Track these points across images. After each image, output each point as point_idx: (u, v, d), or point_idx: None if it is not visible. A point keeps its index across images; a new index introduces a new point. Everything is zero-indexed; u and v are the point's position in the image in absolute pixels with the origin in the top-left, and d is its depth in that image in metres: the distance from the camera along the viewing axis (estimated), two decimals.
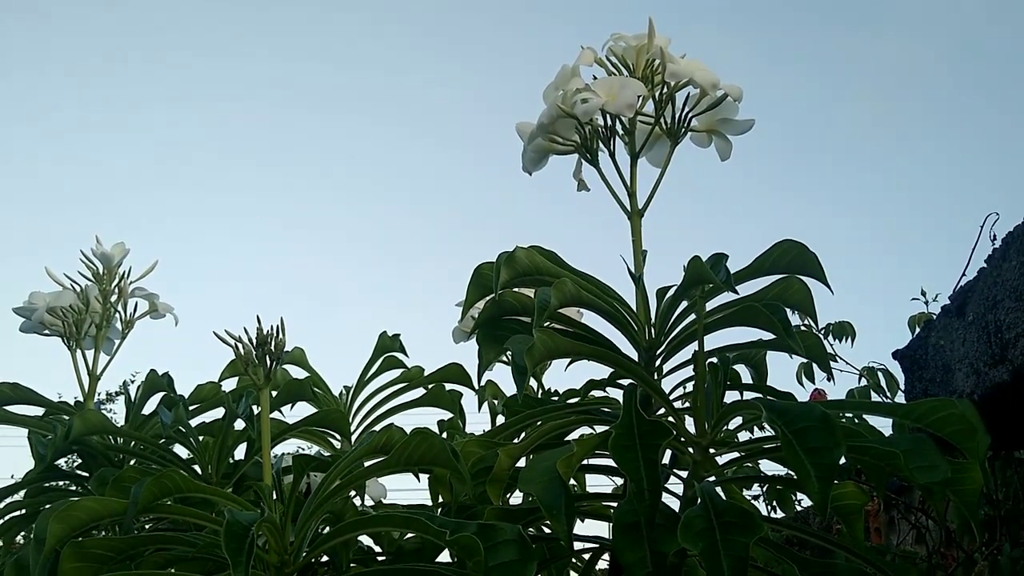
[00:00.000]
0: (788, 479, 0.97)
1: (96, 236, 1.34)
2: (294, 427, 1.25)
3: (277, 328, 0.90)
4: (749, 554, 0.69)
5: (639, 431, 0.78)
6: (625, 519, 0.78)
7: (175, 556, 0.89)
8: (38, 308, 1.30)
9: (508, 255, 0.92)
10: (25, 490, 1.19)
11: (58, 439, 1.08)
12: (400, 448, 0.80)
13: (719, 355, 0.94)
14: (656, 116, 1.03)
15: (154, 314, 1.39)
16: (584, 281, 0.94)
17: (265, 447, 0.89)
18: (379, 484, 1.32)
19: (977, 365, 1.37)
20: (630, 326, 0.95)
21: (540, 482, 0.76)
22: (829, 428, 0.68)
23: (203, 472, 1.23)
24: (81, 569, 0.82)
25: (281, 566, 0.82)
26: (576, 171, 1.10)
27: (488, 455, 0.88)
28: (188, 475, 0.81)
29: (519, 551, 0.73)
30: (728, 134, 1.06)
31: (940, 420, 0.75)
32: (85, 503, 0.76)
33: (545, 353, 0.82)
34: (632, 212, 1.02)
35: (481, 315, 0.97)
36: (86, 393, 1.33)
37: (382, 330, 1.46)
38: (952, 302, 1.49)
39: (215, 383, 1.33)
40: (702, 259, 0.84)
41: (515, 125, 1.09)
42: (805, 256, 0.89)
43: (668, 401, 0.90)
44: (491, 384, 1.56)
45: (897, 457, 0.73)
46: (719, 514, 0.73)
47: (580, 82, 1.02)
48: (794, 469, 0.69)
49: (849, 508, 0.96)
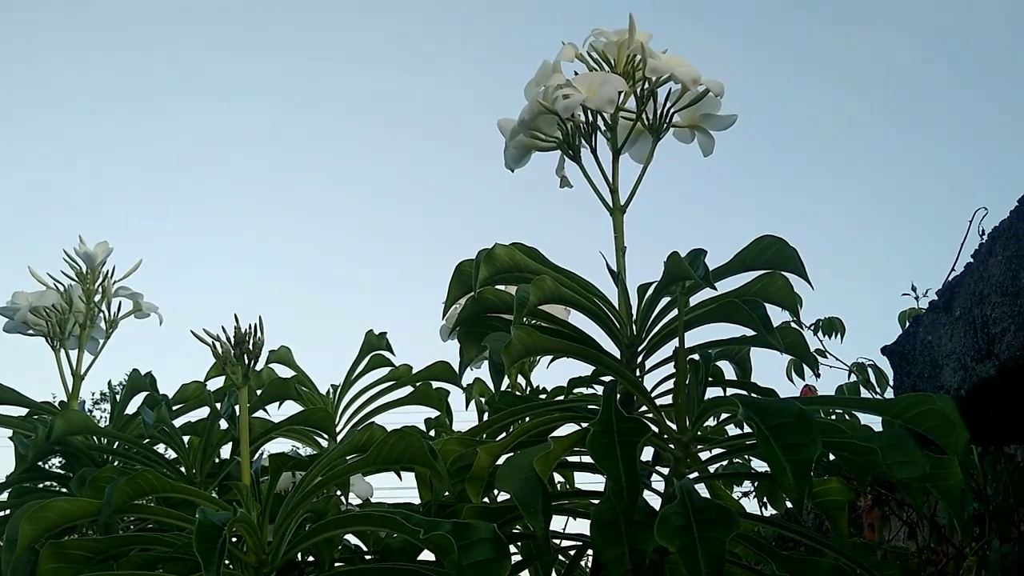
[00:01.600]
0: (769, 475, 0.97)
1: (79, 235, 1.34)
2: (279, 426, 1.25)
3: (255, 326, 0.89)
4: (726, 551, 0.69)
5: (618, 428, 0.78)
6: (604, 517, 0.78)
7: (155, 556, 0.89)
8: (21, 308, 1.29)
9: (487, 252, 0.92)
10: (8, 491, 1.18)
11: (40, 439, 1.08)
12: (378, 447, 0.79)
13: (700, 351, 0.93)
14: (638, 112, 1.03)
15: (138, 313, 1.39)
16: (565, 278, 0.94)
17: (244, 446, 0.89)
18: (365, 483, 1.31)
19: (964, 360, 1.37)
20: (611, 323, 0.95)
21: (517, 479, 0.76)
22: (805, 424, 0.68)
23: (188, 472, 1.22)
24: (60, 570, 0.81)
25: (259, 566, 0.81)
26: (559, 168, 1.09)
27: (468, 453, 0.88)
28: (165, 475, 0.80)
29: (494, 549, 0.72)
30: (711, 129, 1.06)
31: (920, 415, 0.75)
32: (57, 504, 0.76)
33: (523, 351, 0.82)
34: (614, 208, 1.02)
35: (461, 313, 0.96)
36: (70, 393, 1.32)
37: (368, 328, 1.46)
38: (940, 297, 1.49)
39: (200, 383, 1.32)
40: (680, 255, 0.83)
41: (496, 122, 1.09)
42: (785, 251, 0.89)
43: (649, 398, 0.90)
44: (479, 382, 1.56)
45: (875, 453, 0.73)
46: (697, 511, 0.73)
47: (561, 78, 1.02)
48: (770, 465, 0.68)
49: (833, 504, 0.95)
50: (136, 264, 1.39)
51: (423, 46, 25.29)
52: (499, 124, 1.09)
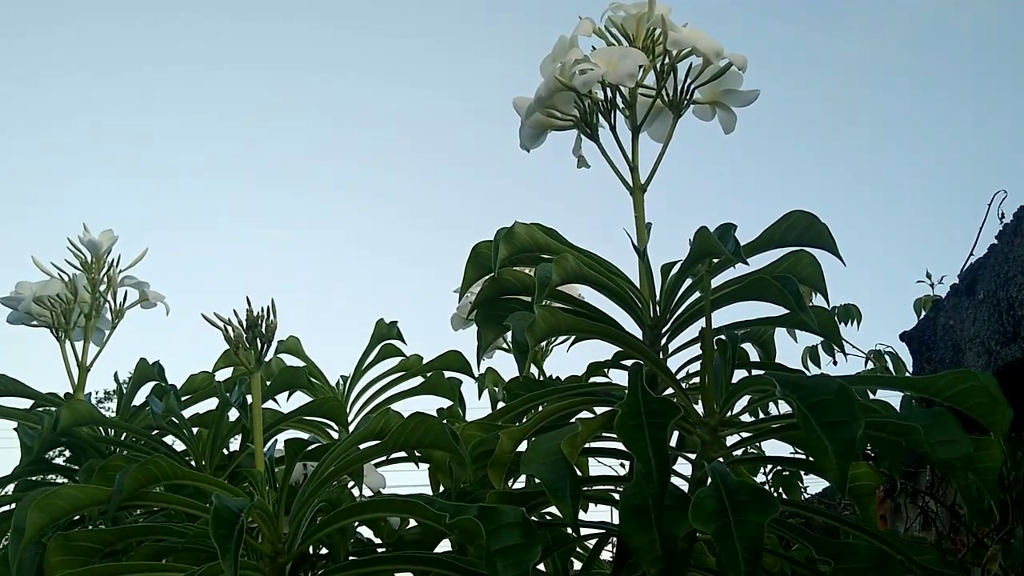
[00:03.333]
0: (800, 460, 0.94)
1: (84, 224, 1.31)
2: (289, 416, 1.22)
3: (268, 310, 0.86)
4: (764, 535, 0.66)
5: (646, 409, 0.75)
6: (633, 502, 0.75)
7: (166, 547, 0.86)
8: (24, 298, 1.26)
9: (507, 231, 0.89)
10: (13, 484, 1.15)
11: (46, 430, 1.05)
12: (397, 431, 0.76)
13: (727, 332, 0.90)
14: (658, 88, 1.00)
15: (144, 303, 1.36)
16: (586, 258, 0.91)
17: (257, 433, 0.86)
18: (378, 474, 1.28)
19: (989, 344, 1.34)
20: (634, 304, 0.92)
21: (544, 463, 0.73)
22: (846, 401, 0.65)
23: (196, 464, 1.20)
24: (68, 562, 0.78)
25: (275, 555, 0.78)
26: (576, 147, 1.06)
27: (489, 438, 0.85)
28: (177, 462, 0.77)
29: (523, 534, 0.69)
30: (732, 106, 1.03)
31: (961, 393, 0.72)
32: (66, 491, 0.73)
33: (547, 330, 0.79)
34: (635, 187, 0.99)
35: (479, 295, 0.94)
36: (76, 385, 1.29)
37: (379, 317, 1.43)
38: (961, 281, 1.46)
39: (208, 373, 1.30)
40: (709, 230, 0.80)
41: (512, 100, 1.06)
42: (816, 227, 0.86)
43: (675, 380, 0.87)
44: (491, 371, 1.53)
45: (917, 432, 0.70)
46: (731, 494, 0.70)
47: (578, 53, 0.99)
48: (810, 445, 0.65)
49: (863, 490, 0.93)
50: (142, 253, 1.36)
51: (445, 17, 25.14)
52: (514, 102, 1.06)
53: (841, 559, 0.69)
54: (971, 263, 1.46)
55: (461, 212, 20.78)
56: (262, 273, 21.36)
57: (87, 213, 17.35)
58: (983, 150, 22.17)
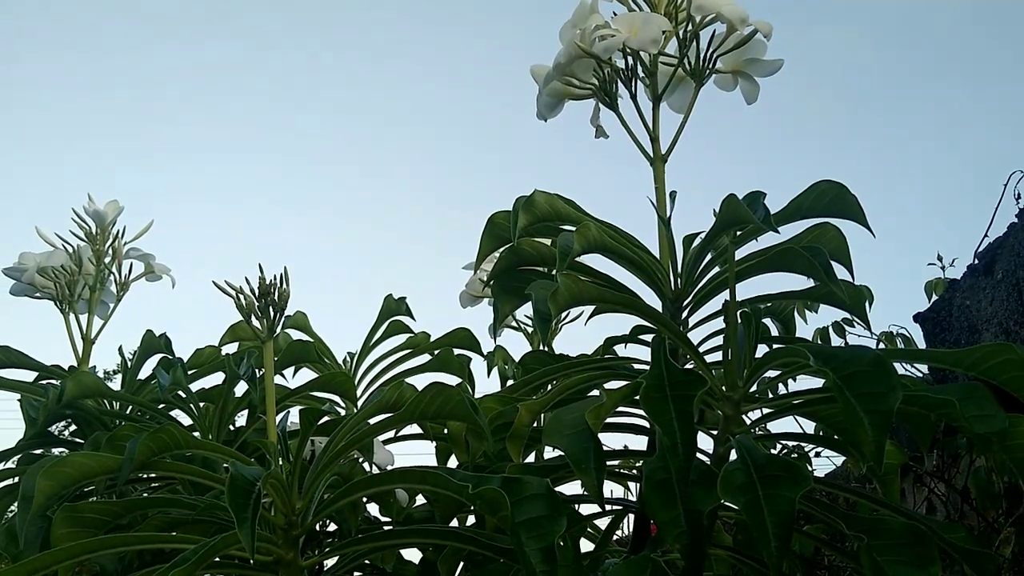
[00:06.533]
0: (823, 437, 0.92)
1: (88, 194, 1.28)
2: (297, 391, 1.20)
3: (281, 277, 0.84)
4: (796, 509, 0.64)
5: (670, 381, 0.73)
6: (656, 476, 0.72)
7: (174, 520, 0.84)
8: (28, 268, 1.24)
9: (527, 199, 0.86)
10: (18, 457, 1.13)
11: (51, 402, 1.03)
12: (415, 401, 0.74)
13: (751, 305, 0.88)
14: (680, 55, 0.97)
15: (150, 276, 1.34)
16: (608, 228, 0.88)
17: (270, 403, 0.84)
18: (386, 451, 1.26)
19: (1007, 324, 1.32)
20: (655, 275, 0.90)
21: (567, 434, 0.70)
22: (884, 372, 0.63)
23: (203, 439, 1.18)
24: (74, 534, 0.76)
25: (288, 528, 0.76)
26: (594, 117, 1.04)
27: (507, 411, 0.83)
28: (188, 432, 0.75)
29: (548, 506, 0.67)
30: (755, 75, 1.00)
31: (998, 366, 0.70)
32: (75, 458, 0.71)
33: (570, 299, 0.77)
34: (655, 158, 0.97)
35: (497, 264, 0.91)
36: (80, 358, 1.27)
37: (388, 292, 1.41)
38: (979, 261, 1.44)
39: (215, 347, 1.27)
40: (737, 197, 0.78)
41: (529, 68, 1.03)
42: (845, 198, 0.83)
43: (698, 353, 0.85)
44: (500, 349, 1.51)
45: (952, 405, 0.68)
46: (760, 467, 0.68)
47: (599, 18, 0.96)
48: (845, 418, 0.63)
49: (887, 468, 0.90)
50: (148, 225, 1.33)
51: None
52: (532, 70, 1.03)
53: (875, 535, 0.67)
54: (990, 242, 1.44)
55: (467, 190, 20.76)
56: (270, 252, 21.34)
57: (91, 184, 17.34)
58: (986, 137, 22.10)
